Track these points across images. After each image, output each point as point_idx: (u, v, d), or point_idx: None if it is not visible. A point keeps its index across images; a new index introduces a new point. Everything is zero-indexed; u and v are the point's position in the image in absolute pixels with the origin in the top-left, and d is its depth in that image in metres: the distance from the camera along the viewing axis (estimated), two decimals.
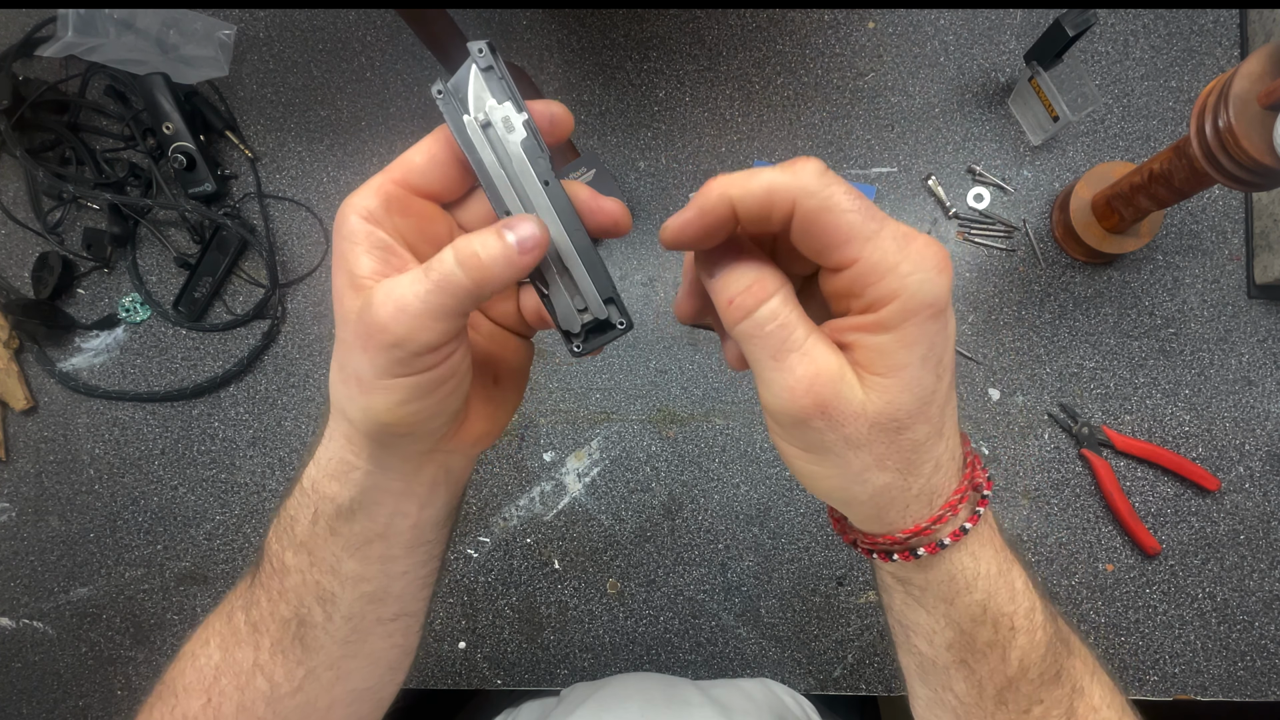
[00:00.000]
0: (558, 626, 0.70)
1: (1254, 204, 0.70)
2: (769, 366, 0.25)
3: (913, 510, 0.28)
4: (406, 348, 0.25)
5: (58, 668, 0.71)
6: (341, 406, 0.28)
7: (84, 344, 0.72)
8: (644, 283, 0.72)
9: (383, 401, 0.27)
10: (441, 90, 0.28)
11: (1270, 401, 0.69)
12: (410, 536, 0.33)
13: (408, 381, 0.26)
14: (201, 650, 0.35)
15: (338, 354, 0.28)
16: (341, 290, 0.27)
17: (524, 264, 0.27)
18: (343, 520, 0.31)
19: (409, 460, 0.30)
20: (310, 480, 0.31)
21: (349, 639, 0.34)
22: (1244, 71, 0.47)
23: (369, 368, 0.26)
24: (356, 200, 0.28)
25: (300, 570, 0.32)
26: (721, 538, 0.70)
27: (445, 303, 0.25)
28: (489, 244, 0.26)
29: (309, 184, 0.73)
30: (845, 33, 0.73)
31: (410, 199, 0.29)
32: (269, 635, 0.33)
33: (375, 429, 0.28)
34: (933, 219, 0.72)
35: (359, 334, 0.26)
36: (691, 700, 0.57)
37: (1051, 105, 0.66)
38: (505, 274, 0.26)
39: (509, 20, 0.74)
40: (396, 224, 0.28)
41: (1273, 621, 0.68)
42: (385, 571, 0.33)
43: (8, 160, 0.73)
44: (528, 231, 0.26)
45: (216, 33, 0.70)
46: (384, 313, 0.25)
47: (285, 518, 0.33)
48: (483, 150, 0.28)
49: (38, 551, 0.72)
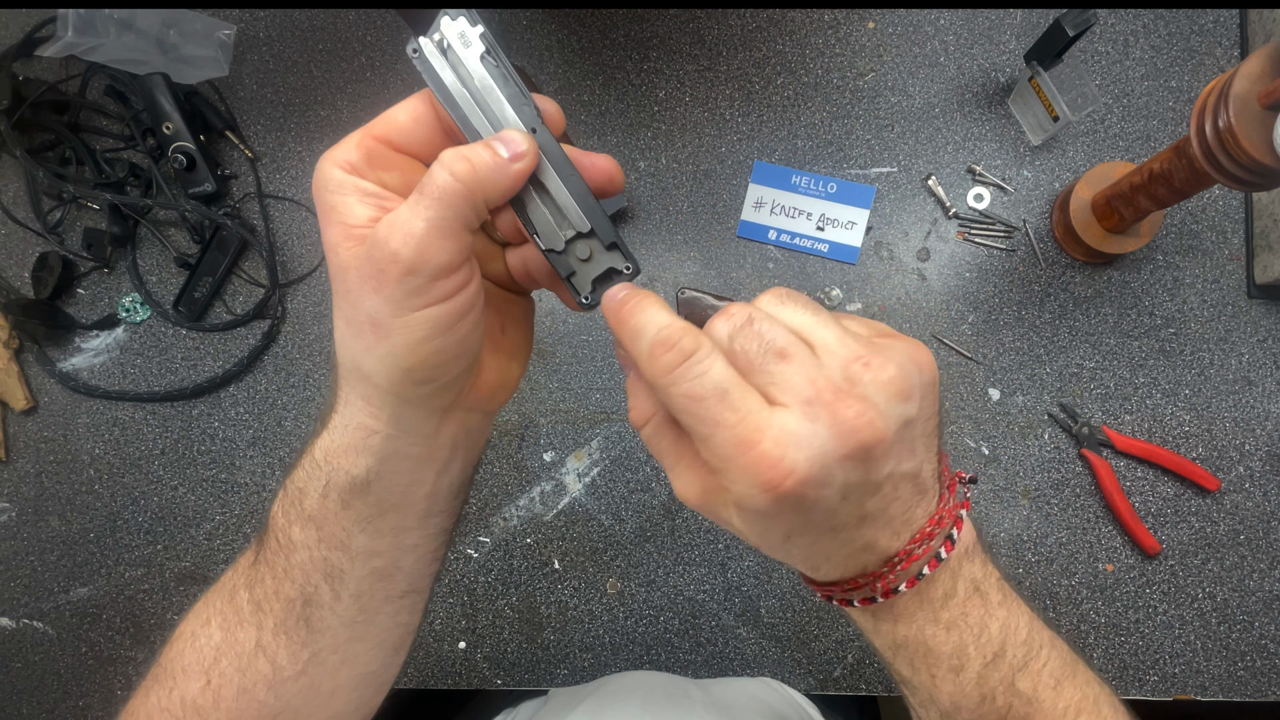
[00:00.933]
0: (558, 626, 0.70)
1: (1254, 204, 0.70)
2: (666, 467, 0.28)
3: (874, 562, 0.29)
4: (422, 272, 0.25)
5: (58, 668, 0.71)
6: (357, 363, 0.28)
7: (84, 344, 0.72)
8: (644, 283, 0.72)
9: (403, 341, 0.26)
10: (416, 49, 0.28)
11: (1270, 401, 0.69)
12: (425, 506, 0.32)
13: (428, 313, 0.26)
14: (201, 630, 0.34)
15: (343, 310, 0.27)
16: (336, 242, 0.27)
17: (515, 172, 0.27)
18: (356, 493, 0.30)
19: (431, 418, 0.30)
20: (323, 451, 0.30)
21: (356, 619, 0.33)
22: (1244, 71, 0.47)
23: (385, 306, 0.26)
24: (336, 153, 0.28)
25: (308, 546, 0.31)
26: (721, 538, 0.70)
27: (447, 215, 0.25)
28: (479, 153, 0.26)
29: (309, 184, 0.73)
30: (845, 33, 0.73)
31: (391, 154, 0.29)
32: (273, 615, 0.32)
33: (398, 377, 0.27)
34: (933, 219, 0.72)
35: (369, 274, 0.26)
36: (692, 697, 0.57)
37: (1051, 105, 0.66)
38: (500, 182, 0.26)
39: (509, 20, 0.74)
40: (380, 176, 0.28)
41: (1273, 621, 0.68)
42: (397, 545, 0.32)
43: (8, 160, 0.73)
44: (518, 141, 0.27)
45: (216, 33, 0.70)
46: (394, 242, 0.25)
47: (293, 490, 0.31)
48: (446, 75, 0.28)
49: (38, 551, 0.72)
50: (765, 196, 0.72)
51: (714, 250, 0.72)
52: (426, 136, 0.29)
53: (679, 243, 0.72)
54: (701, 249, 0.72)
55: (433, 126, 0.29)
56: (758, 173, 0.72)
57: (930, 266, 0.71)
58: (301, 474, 0.31)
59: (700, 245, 0.72)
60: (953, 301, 0.71)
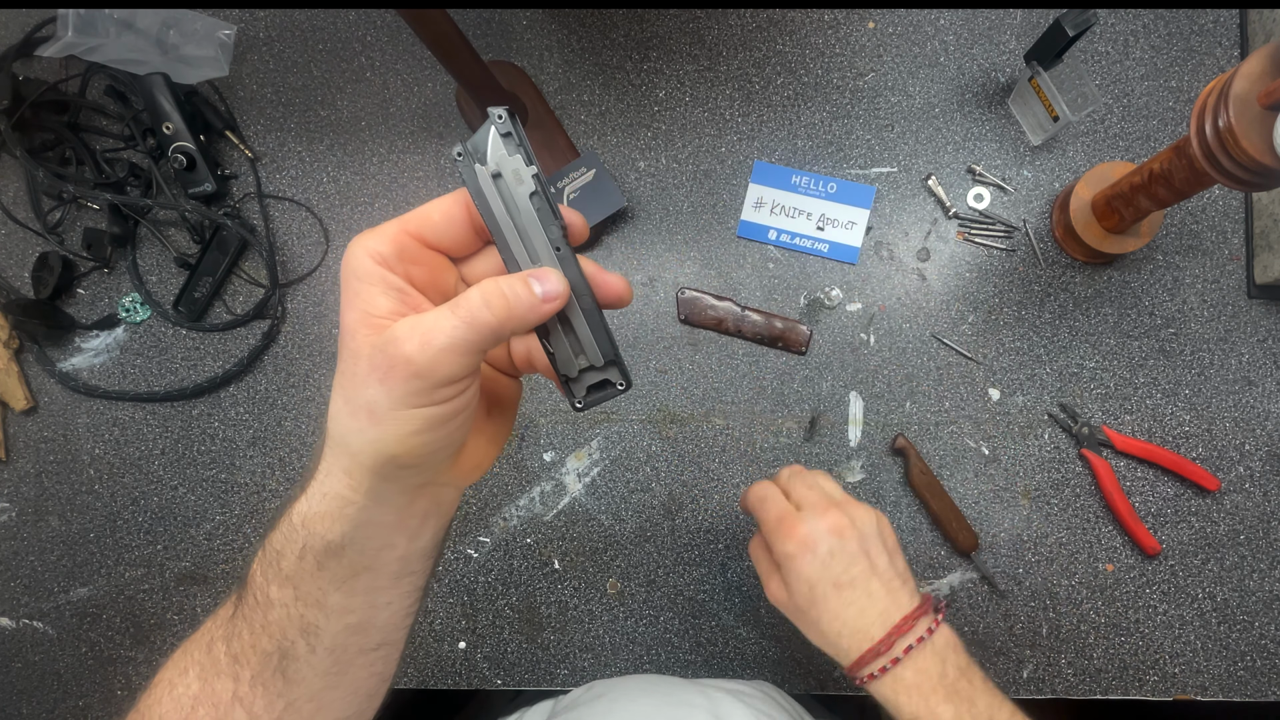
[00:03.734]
0: (558, 626, 0.70)
1: (1254, 204, 0.70)
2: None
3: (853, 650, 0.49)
4: (429, 379, 0.27)
5: (58, 668, 0.71)
6: (346, 440, 0.29)
7: (84, 344, 0.72)
8: (644, 283, 0.72)
9: (394, 432, 0.28)
10: (461, 152, 0.30)
11: (1270, 401, 0.69)
12: (397, 568, 0.33)
13: (424, 412, 0.28)
14: (179, 679, 0.35)
15: (343, 388, 0.29)
16: (354, 326, 0.28)
17: (546, 311, 0.29)
18: (331, 556, 0.31)
19: (405, 493, 0.31)
20: (300, 516, 0.31)
21: (331, 670, 0.34)
22: (1244, 71, 0.47)
23: (385, 399, 0.27)
24: (369, 242, 0.29)
25: (285, 604, 0.32)
26: (721, 538, 0.70)
27: (470, 339, 0.27)
28: (517, 290, 0.28)
29: (309, 184, 0.73)
30: (845, 33, 0.73)
31: (421, 250, 0.30)
32: (249, 667, 0.33)
33: (381, 461, 0.29)
34: (933, 219, 0.72)
35: (377, 366, 0.27)
36: (694, 703, 0.57)
37: (1051, 105, 0.66)
38: (528, 318, 0.29)
39: (509, 20, 0.74)
40: (408, 270, 0.30)
41: (1273, 621, 0.68)
42: (370, 603, 0.33)
43: (8, 160, 0.73)
44: (554, 284, 0.29)
45: (216, 33, 0.70)
46: (409, 346, 0.27)
47: (271, 551, 0.32)
48: (494, 202, 0.30)
49: (38, 551, 0.72)
50: (765, 196, 0.72)
51: (714, 250, 0.72)
52: (457, 235, 0.31)
53: (679, 243, 0.72)
54: (701, 249, 0.72)
55: (464, 225, 0.31)
56: (758, 172, 0.72)
57: (930, 266, 0.71)
58: (279, 536, 0.32)
59: (700, 245, 0.72)
60: (953, 301, 0.71)
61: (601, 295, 0.32)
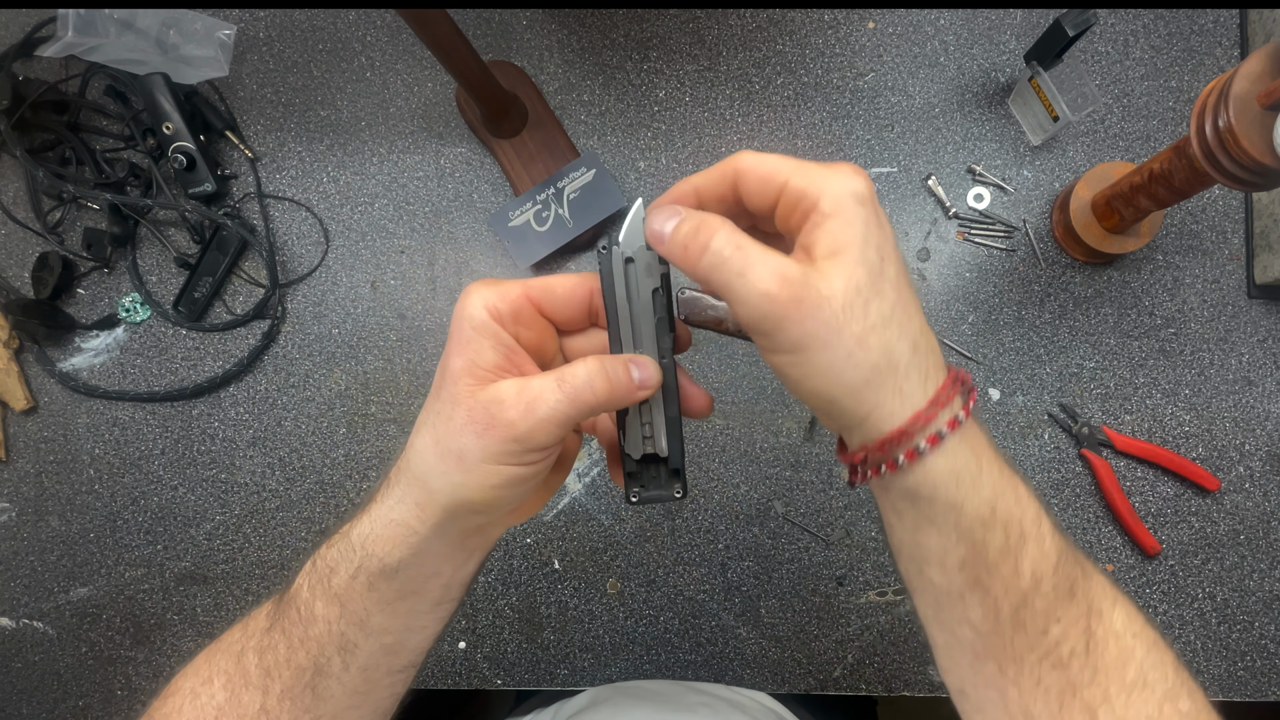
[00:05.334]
0: (558, 626, 0.70)
1: (1254, 204, 0.70)
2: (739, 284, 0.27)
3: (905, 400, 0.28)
4: (525, 444, 0.29)
5: (58, 668, 0.71)
6: (426, 477, 0.31)
7: (84, 344, 0.72)
8: None
9: (479, 482, 0.29)
10: (605, 247, 0.32)
11: (1270, 401, 0.69)
12: (439, 594, 0.34)
13: (511, 470, 0.29)
14: (203, 688, 0.35)
15: (435, 428, 0.30)
16: (458, 374, 0.30)
17: (638, 399, 0.31)
18: (384, 578, 0.32)
19: (465, 531, 0.33)
20: (360, 537, 0.32)
21: (359, 689, 0.34)
22: (1244, 71, 0.47)
23: (479, 451, 0.29)
24: (489, 295, 0.31)
25: (329, 621, 0.33)
26: (721, 538, 0.70)
27: (570, 413, 0.29)
28: (619, 374, 0.30)
29: (309, 184, 0.73)
30: (845, 33, 0.73)
31: (535, 316, 0.32)
32: (280, 681, 0.33)
33: (456, 503, 0.30)
34: (933, 219, 0.72)
35: (477, 419, 0.29)
36: (692, 703, 0.57)
37: (1051, 105, 0.66)
38: (621, 402, 0.30)
39: (509, 20, 0.74)
40: (518, 331, 0.31)
41: (1273, 621, 0.68)
42: (408, 625, 0.34)
43: (8, 160, 0.73)
44: (651, 374, 0.31)
45: (216, 33, 0.70)
46: (514, 411, 0.28)
47: (322, 567, 0.33)
48: (619, 286, 0.32)
49: (38, 551, 0.72)
50: None
51: None
52: (573, 312, 0.33)
53: None
54: None
55: (582, 305, 0.33)
56: None
57: (930, 266, 0.71)
58: (334, 553, 0.33)
59: None
60: (953, 301, 0.71)
61: (686, 402, 0.34)
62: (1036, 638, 0.31)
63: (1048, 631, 0.31)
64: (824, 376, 0.28)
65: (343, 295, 0.72)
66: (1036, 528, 0.30)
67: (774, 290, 0.27)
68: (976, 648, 0.32)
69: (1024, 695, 0.31)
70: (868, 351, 0.27)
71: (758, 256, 0.27)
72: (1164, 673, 0.32)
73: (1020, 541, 0.30)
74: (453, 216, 0.73)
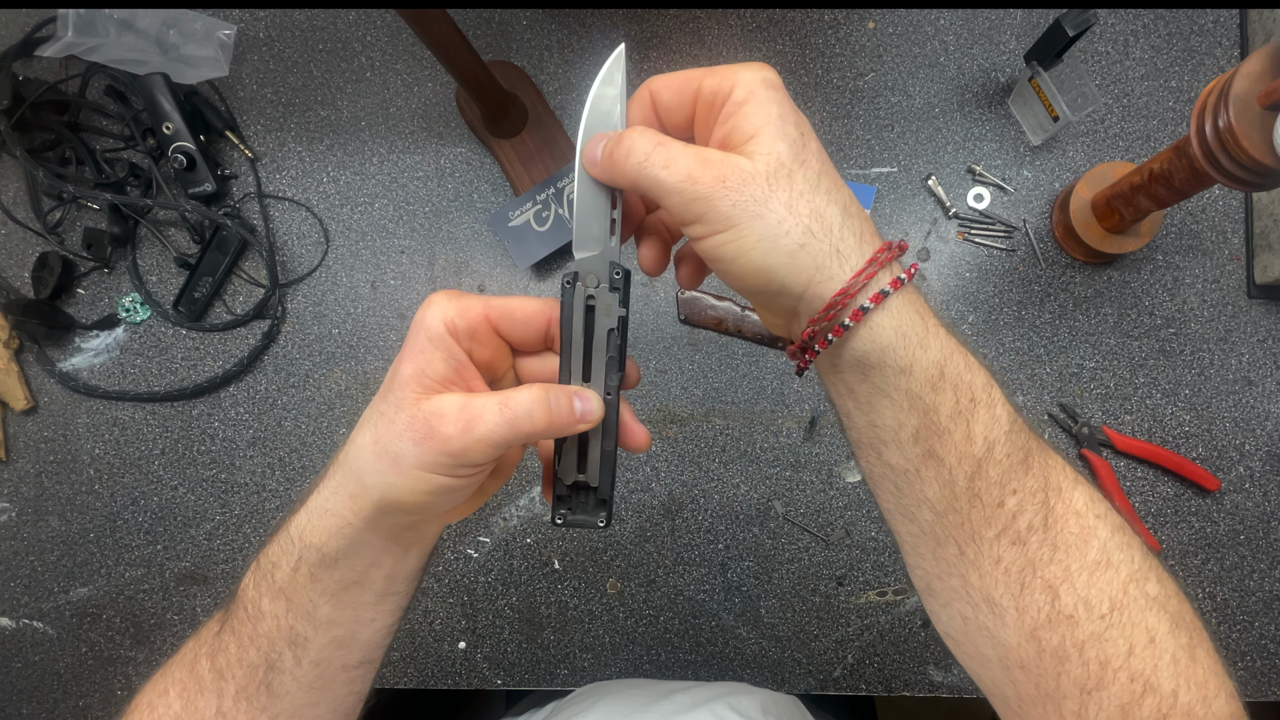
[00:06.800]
0: (558, 626, 0.70)
1: (1254, 204, 0.70)
2: (665, 175, 0.28)
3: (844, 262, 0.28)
4: (458, 459, 0.29)
5: (58, 668, 0.71)
6: (362, 473, 0.31)
7: (84, 344, 0.72)
8: (645, 283, 0.72)
9: (410, 485, 0.30)
10: (570, 281, 0.33)
11: (1270, 401, 0.69)
12: (383, 586, 0.35)
13: (442, 480, 0.30)
14: (160, 700, 0.35)
15: (378, 426, 0.31)
16: (407, 379, 0.30)
17: (577, 430, 0.32)
18: (325, 568, 0.32)
19: (398, 526, 0.33)
20: (298, 529, 0.33)
21: (314, 684, 0.35)
22: (1244, 71, 0.47)
23: (414, 458, 0.29)
24: (449, 308, 0.31)
25: (276, 616, 0.33)
26: (721, 538, 0.70)
27: (506, 436, 0.29)
28: (561, 404, 0.31)
29: (309, 184, 0.73)
30: (845, 33, 0.73)
31: (491, 335, 0.32)
32: (234, 682, 0.34)
33: (388, 501, 0.31)
34: (933, 219, 0.72)
35: (418, 428, 0.29)
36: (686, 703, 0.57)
37: (1051, 105, 0.66)
38: (560, 431, 0.31)
39: (509, 20, 0.74)
40: (472, 347, 0.32)
41: (1273, 621, 0.68)
42: (356, 618, 0.35)
43: (8, 160, 0.73)
44: (593, 408, 0.32)
45: (216, 33, 0.70)
46: (453, 426, 0.29)
47: (266, 564, 0.34)
48: (578, 322, 0.33)
49: (38, 551, 0.72)
50: None
51: None
52: (530, 336, 0.33)
53: None
54: None
55: (539, 330, 0.33)
56: None
57: (930, 266, 0.71)
58: (275, 549, 0.33)
59: None
60: (953, 301, 0.71)
61: (625, 438, 0.34)
62: (993, 510, 0.31)
63: (1003, 504, 0.31)
64: (759, 248, 0.28)
65: (343, 295, 0.72)
66: (987, 394, 0.31)
67: (698, 172, 0.28)
68: (936, 531, 0.32)
69: (984, 578, 0.31)
70: (799, 216, 0.28)
71: (679, 148, 0.29)
72: (1130, 555, 0.31)
73: (971, 405, 0.31)
74: (453, 216, 0.73)
